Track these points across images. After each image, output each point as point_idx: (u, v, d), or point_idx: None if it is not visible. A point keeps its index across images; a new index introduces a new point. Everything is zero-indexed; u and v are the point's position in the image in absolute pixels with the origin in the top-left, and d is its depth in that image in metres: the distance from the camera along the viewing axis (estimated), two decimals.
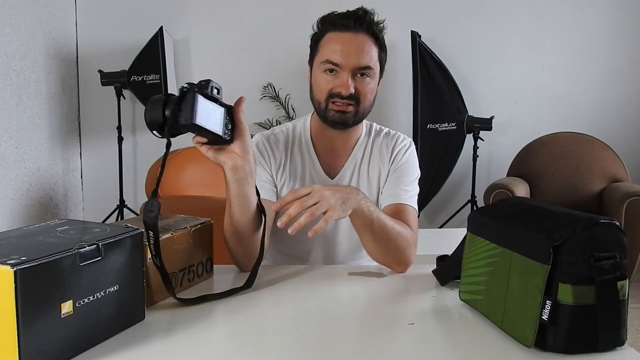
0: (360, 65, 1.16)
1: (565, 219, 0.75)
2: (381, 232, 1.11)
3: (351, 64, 1.15)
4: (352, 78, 1.16)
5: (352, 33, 1.17)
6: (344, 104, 1.17)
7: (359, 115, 1.20)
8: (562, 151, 3.18)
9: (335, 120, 1.19)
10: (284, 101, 3.50)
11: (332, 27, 1.19)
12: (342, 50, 1.16)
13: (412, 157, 1.31)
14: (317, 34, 1.22)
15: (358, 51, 1.16)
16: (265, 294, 1.01)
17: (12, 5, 2.96)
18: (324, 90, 1.18)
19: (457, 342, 0.82)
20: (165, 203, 2.64)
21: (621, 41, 3.62)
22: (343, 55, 1.15)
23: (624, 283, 0.73)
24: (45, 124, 3.31)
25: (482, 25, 3.61)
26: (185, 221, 1.04)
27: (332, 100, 1.18)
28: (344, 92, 1.16)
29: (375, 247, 1.13)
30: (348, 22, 1.17)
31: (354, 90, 1.17)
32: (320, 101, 1.20)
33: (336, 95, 1.17)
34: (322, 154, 1.29)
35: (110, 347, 0.76)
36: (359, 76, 1.17)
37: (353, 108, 1.18)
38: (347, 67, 1.15)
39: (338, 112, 1.18)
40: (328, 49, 1.18)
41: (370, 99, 1.21)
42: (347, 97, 1.16)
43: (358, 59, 1.16)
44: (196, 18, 3.63)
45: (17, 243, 0.73)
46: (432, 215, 3.71)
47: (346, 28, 1.17)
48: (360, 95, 1.18)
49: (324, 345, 0.80)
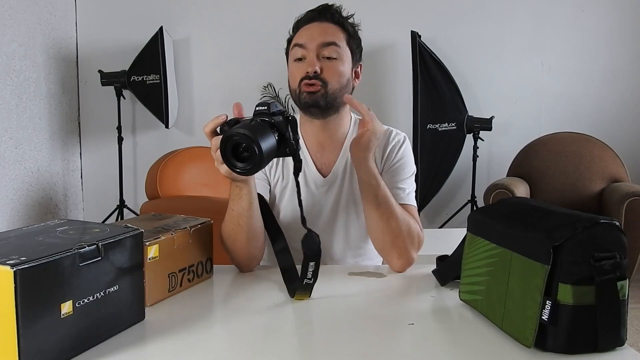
0: (325, 41, 1.20)
1: (565, 219, 0.75)
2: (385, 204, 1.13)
3: (315, 42, 1.20)
4: (317, 59, 1.20)
5: (317, 22, 1.24)
6: (311, 84, 1.19)
7: (329, 95, 1.20)
8: (562, 151, 3.18)
9: (307, 103, 1.21)
10: (284, 101, 3.50)
11: (301, 24, 1.26)
12: (307, 34, 1.22)
13: (406, 153, 1.29)
14: (290, 36, 1.28)
15: (322, 32, 1.22)
16: (265, 294, 1.01)
17: (12, 5, 2.96)
18: (296, 79, 1.21)
19: (457, 342, 0.82)
20: (165, 203, 2.65)
21: (621, 41, 3.62)
22: (307, 36, 1.22)
23: (624, 283, 0.72)
24: (45, 124, 3.31)
25: (482, 25, 3.61)
26: (185, 221, 1.04)
27: (302, 84, 1.20)
28: (310, 70, 1.19)
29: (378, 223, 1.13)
30: (313, 14, 1.25)
31: (320, 70, 1.19)
32: (294, 89, 1.23)
33: (305, 78, 1.20)
34: (312, 150, 1.29)
35: (110, 347, 0.76)
36: (325, 59, 1.20)
37: (322, 88, 1.20)
38: (311, 46, 1.20)
39: (308, 93, 1.20)
40: (296, 37, 1.24)
41: (341, 82, 1.22)
42: (313, 76, 1.19)
43: (321, 37, 1.21)
44: (196, 18, 3.63)
45: (17, 243, 0.73)
46: (432, 215, 3.70)
47: (311, 20, 1.24)
48: (327, 76, 1.20)
49: (323, 345, 0.80)
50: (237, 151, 0.89)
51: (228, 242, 1.11)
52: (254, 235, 1.10)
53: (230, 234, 1.10)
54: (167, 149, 3.11)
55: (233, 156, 0.89)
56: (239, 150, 0.89)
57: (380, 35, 3.48)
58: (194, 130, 3.69)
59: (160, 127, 3.50)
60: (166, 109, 3.39)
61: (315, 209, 1.26)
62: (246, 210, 1.07)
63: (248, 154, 0.88)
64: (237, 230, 1.09)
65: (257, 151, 0.86)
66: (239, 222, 1.08)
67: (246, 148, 0.88)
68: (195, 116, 3.69)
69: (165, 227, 0.99)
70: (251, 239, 1.10)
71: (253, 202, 1.08)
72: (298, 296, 0.96)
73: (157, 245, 0.92)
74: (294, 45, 1.23)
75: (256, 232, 1.11)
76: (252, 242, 1.11)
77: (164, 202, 2.64)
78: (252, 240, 1.10)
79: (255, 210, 1.09)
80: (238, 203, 1.07)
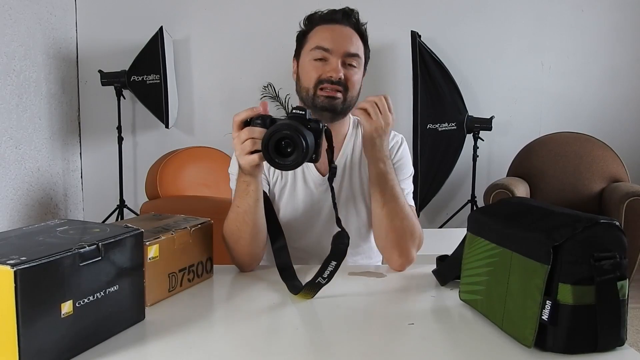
0: (350, 51, 1.19)
1: (565, 219, 0.75)
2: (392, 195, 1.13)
3: (342, 50, 1.19)
4: (341, 66, 1.19)
5: (340, 25, 1.22)
6: (333, 89, 1.19)
7: (346, 103, 1.21)
8: (562, 151, 3.18)
9: (325, 106, 1.20)
10: (284, 101, 3.50)
11: (321, 21, 1.23)
12: (333, 37, 1.20)
13: (404, 154, 1.30)
14: (305, 30, 1.26)
15: (347, 39, 1.20)
16: (265, 294, 1.01)
17: (12, 5, 2.95)
18: (313, 77, 1.20)
19: (457, 342, 0.82)
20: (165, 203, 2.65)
21: (621, 41, 3.62)
22: (334, 41, 1.19)
23: (624, 283, 0.73)
24: (45, 124, 3.31)
25: (482, 25, 3.61)
26: (185, 221, 1.04)
27: (321, 87, 1.19)
28: (335, 76, 1.18)
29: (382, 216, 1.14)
30: (336, 15, 1.22)
31: (343, 76, 1.19)
32: (308, 88, 1.21)
33: (325, 81, 1.19)
34: None
35: (110, 347, 0.76)
36: (348, 66, 1.20)
37: (342, 95, 1.20)
38: (337, 52, 1.18)
39: (327, 97, 1.19)
40: (318, 37, 1.21)
41: (357, 89, 1.23)
42: (336, 82, 1.18)
43: (348, 45, 1.19)
44: (196, 18, 3.63)
45: (17, 243, 0.73)
46: (432, 215, 3.70)
47: (335, 21, 1.22)
48: (349, 83, 1.20)
49: (324, 345, 0.81)
50: (279, 147, 0.92)
51: (231, 241, 1.11)
52: (258, 232, 1.11)
53: (234, 232, 1.10)
54: (167, 149, 3.11)
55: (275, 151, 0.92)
56: (280, 146, 0.92)
57: (380, 35, 3.46)
58: (194, 130, 3.69)
59: (160, 127, 3.50)
60: (166, 109, 3.38)
61: (314, 207, 1.26)
62: (252, 207, 1.07)
63: (291, 149, 0.92)
64: (242, 227, 1.09)
65: (304, 146, 0.91)
66: (245, 219, 1.08)
67: (289, 144, 0.92)
68: (195, 116, 3.69)
69: (165, 227, 0.99)
70: (255, 237, 1.10)
71: (259, 199, 1.08)
72: (302, 294, 0.96)
73: (157, 245, 0.92)
74: (317, 48, 1.20)
75: (260, 229, 1.11)
76: (256, 240, 1.11)
77: (164, 202, 2.63)
78: (255, 238, 1.11)
79: (261, 208, 1.09)
80: (245, 199, 1.07)
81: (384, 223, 1.15)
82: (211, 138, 3.35)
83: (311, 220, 1.25)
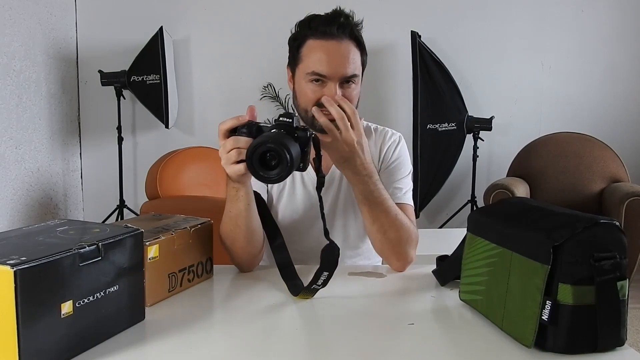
0: (347, 74, 1.14)
1: (565, 219, 0.75)
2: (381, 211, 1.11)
3: (338, 75, 1.13)
4: (339, 87, 1.14)
5: (335, 41, 1.14)
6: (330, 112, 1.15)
7: None
8: (562, 151, 3.18)
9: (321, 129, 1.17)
10: (284, 101, 3.50)
11: (314, 34, 1.16)
12: (328, 61, 1.13)
13: (402, 152, 1.30)
14: (298, 40, 1.19)
15: (344, 60, 1.14)
16: (265, 294, 1.01)
17: (12, 5, 2.96)
18: (311, 100, 1.15)
19: (457, 342, 0.82)
20: (165, 203, 2.65)
21: (621, 41, 3.62)
22: (330, 65, 1.13)
23: (624, 283, 0.73)
24: (45, 124, 3.31)
25: (482, 25, 3.61)
26: (185, 221, 1.04)
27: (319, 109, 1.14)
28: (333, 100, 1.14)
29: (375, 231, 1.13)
30: (331, 29, 1.14)
31: None
32: (307, 109, 1.17)
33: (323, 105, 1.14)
34: None
35: (110, 347, 0.76)
36: (345, 84, 1.15)
37: None
38: (334, 77, 1.13)
39: None
40: (313, 58, 1.15)
41: (355, 103, 1.20)
42: None
43: (345, 68, 1.13)
44: (196, 18, 3.63)
45: (17, 243, 0.73)
46: (432, 215, 3.70)
47: (329, 36, 1.14)
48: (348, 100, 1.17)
49: (323, 345, 0.81)
50: (264, 159, 0.91)
51: (227, 243, 1.11)
52: (253, 235, 1.10)
53: (229, 235, 1.10)
54: (167, 149, 3.11)
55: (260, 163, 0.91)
56: (265, 158, 0.90)
57: (380, 35, 3.48)
58: (194, 130, 3.69)
59: (160, 127, 3.50)
60: (166, 109, 3.38)
61: (314, 209, 1.26)
62: (244, 211, 1.06)
63: (276, 162, 0.90)
64: (236, 230, 1.09)
65: (288, 160, 0.89)
66: (237, 223, 1.08)
67: (274, 156, 0.90)
68: (195, 116, 3.69)
69: (165, 227, 0.99)
70: (250, 239, 1.10)
71: (250, 203, 1.07)
72: (302, 296, 0.96)
73: (157, 245, 0.92)
74: (313, 73, 1.14)
75: (255, 232, 1.11)
76: (251, 242, 1.11)
77: (164, 202, 2.64)
78: (251, 240, 1.11)
79: (253, 211, 1.08)
80: (235, 204, 1.06)
81: (377, 237, 1.14)
82: (211, 138, 3.35)
83: (311, 221, 1.25)
